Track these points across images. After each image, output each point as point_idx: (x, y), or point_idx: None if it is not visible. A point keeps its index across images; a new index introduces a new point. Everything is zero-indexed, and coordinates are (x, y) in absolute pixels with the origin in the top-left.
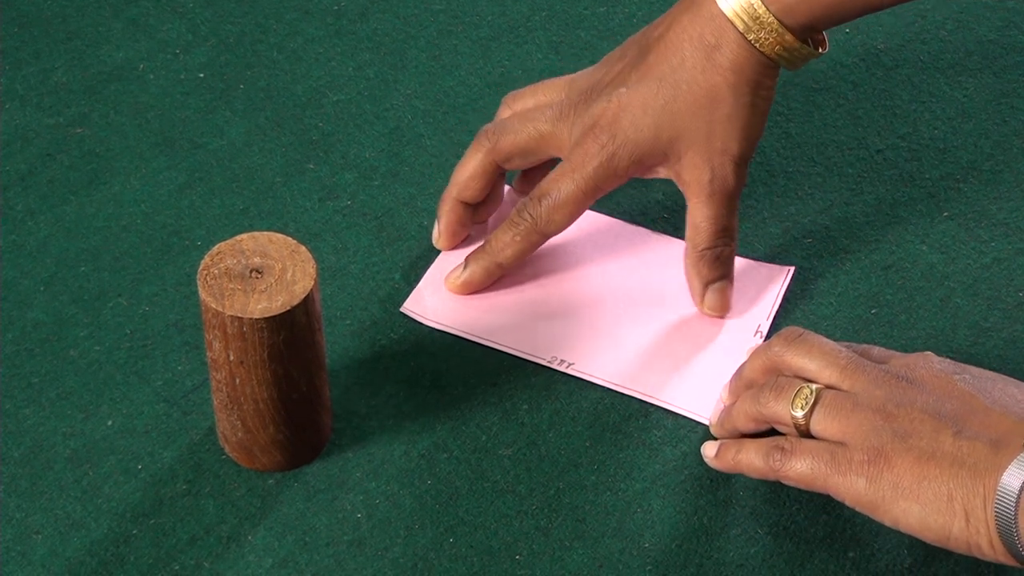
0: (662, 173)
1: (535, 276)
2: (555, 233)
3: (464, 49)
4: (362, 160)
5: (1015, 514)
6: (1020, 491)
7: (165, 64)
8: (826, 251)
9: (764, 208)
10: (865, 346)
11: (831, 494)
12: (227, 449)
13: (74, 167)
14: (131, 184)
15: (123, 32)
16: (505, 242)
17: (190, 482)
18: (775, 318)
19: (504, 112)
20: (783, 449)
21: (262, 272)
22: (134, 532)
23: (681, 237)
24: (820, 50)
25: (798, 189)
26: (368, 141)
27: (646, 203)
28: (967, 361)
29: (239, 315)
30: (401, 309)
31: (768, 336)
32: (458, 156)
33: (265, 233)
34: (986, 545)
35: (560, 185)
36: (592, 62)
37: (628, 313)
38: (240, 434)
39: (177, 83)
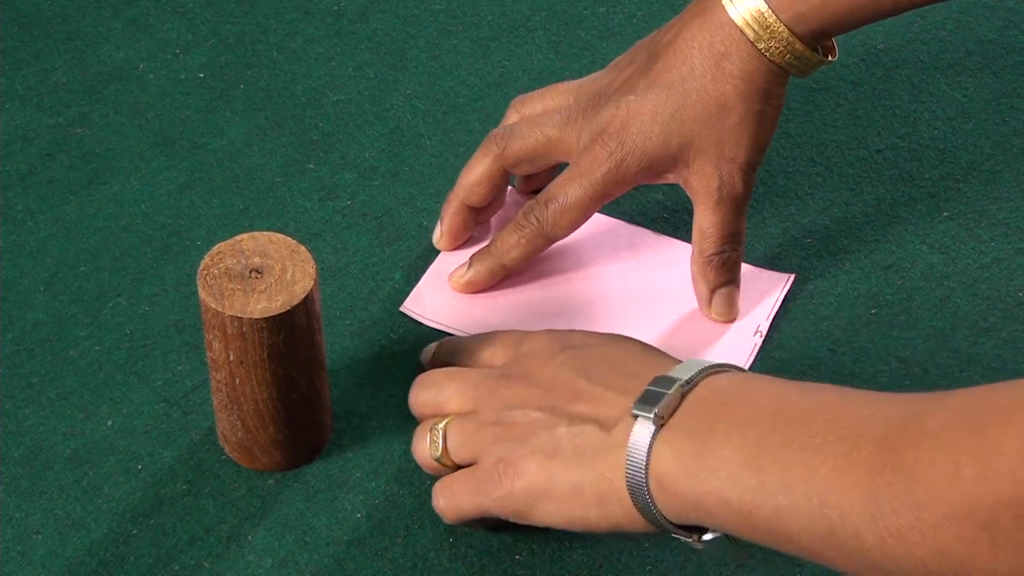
0: (670, 179)
1: (535, 276)
2: (561, 237)
3: (464, 49)
4: (362, 160)
5: (646, 486)
6: (646, 463)
7: (165, 64)
8: (826, 251)
9: (764, 208)
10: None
11: (493, 514)
12: (227, 449)
13: (74, 167)
14: (131, 184)
15: (123, 32)
16: (511, 244)
17: (190, 482)
18: (775, 319)
19: (512, 116)
20: (441, 492)
21: (262, 272)
22: (134, 532)
23: (681, 237)
24: (830, 57)
25: (798, 189)
26: (368, 141)
27: (646, 203)
28: (967, 361)
29: (239, 315)
30: (401, 309)
31: (768, 336)
32: (458, 156)
33: (265, 233)
34: (627, 522)
35: (568, 190)
36: (592, 62)
37: (628, 313)
38: (240, 434)
39: (177, 83)
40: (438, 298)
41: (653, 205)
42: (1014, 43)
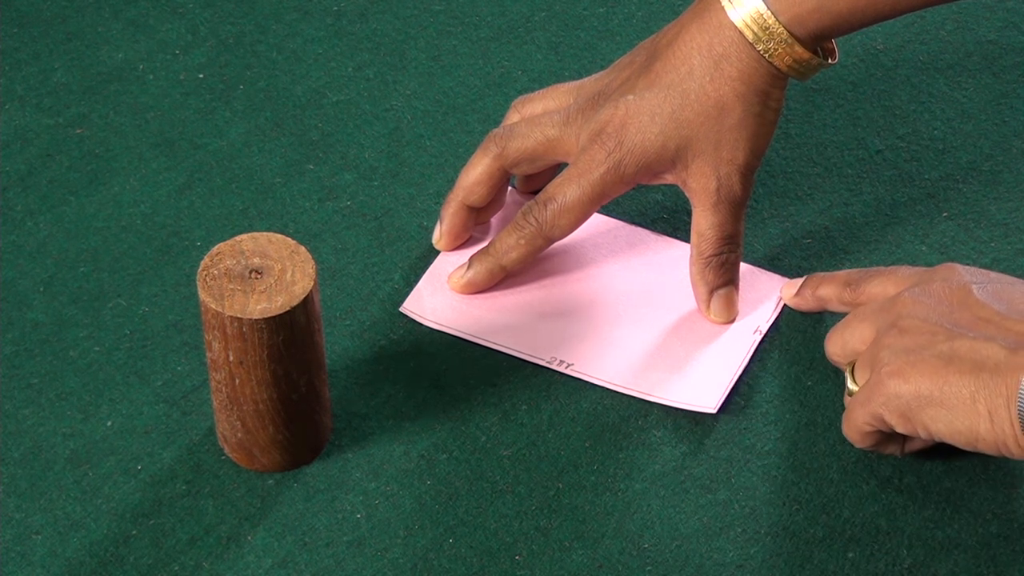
0: (669, 180)
1: (534, 276)
2: (560, 238)
3: (464, 49)
4: (362, 161)
5: None
6: None
7: (165, 65)
8: (825, 251)
9: (764, 208)
10: (893, 268)
11: (887, 421)
12: (227, 449)
13: (74, 167)
14: (131, 185)
15: (123, 33)
16: (510, 245)
17: (190, 482)
18: (775, 321)
19: (512, 117)
20: (844, 417)
21: (262, 273)
22: (134, 532)
23: (681, 238)
24: (830, 60)
25: (797, 190)
26: (368, 142)
27: (646, 203)
28: None
29: (239, 316)
30: (400, 309)
31: (767, 336)
32: (458, 156)
33: (265, 234)
34: (1013, 444)
35: (566, 190)
36: (592, 63)
37: (628, 313)
38: (240, 434)
39: (177, 84)
40: (437, 298)
41: (653, 205)
42: (1014, 43)
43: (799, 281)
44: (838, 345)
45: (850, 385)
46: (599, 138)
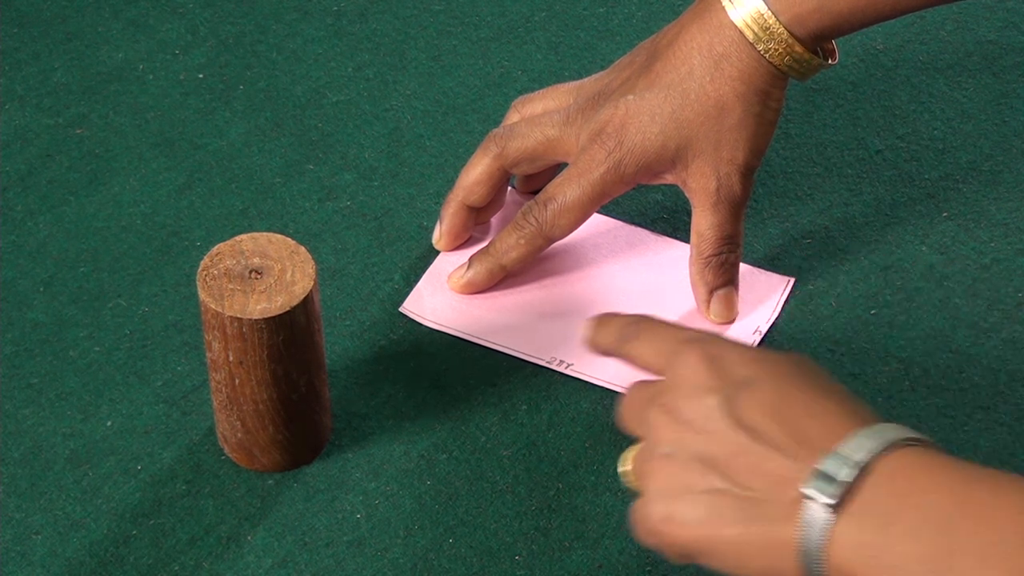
0: (669, 180)
1: (534, 277)
2: (560, 238)
3: (464, 49)
4: (362, 161)
5: (822, 572)
6: (822, 550)
7: (165, 65)
8: (825, 251)
9: (763, 208)
10: (652, 329)
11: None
12: (227, 449)
13: (73, 168)
14: (131, 185)
15: (123, 33)
16: (509, 245)
17: (190, 482)
18: (775, 321)
19: (513, 117)
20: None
21: (262, 273)
22: (134, 532)
23: (681, 238)
24: (830, 60)
25: (797, 190)
26: (368, 142)
27: (646, 203)
28: (967, 361)
29: (239, 316)
30: (400, 309)
31: (767, 336)
32: (458, 156)
33: (264, 234)
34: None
35: (566, 190)
36: (592, 63)
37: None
38: (240, 434)
39: (177, 84)
40: (437, 298)
41: (653, 205)
42: (1014, 44)
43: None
44: (622, 423)
45: (624, 480)
46: (599, 138)
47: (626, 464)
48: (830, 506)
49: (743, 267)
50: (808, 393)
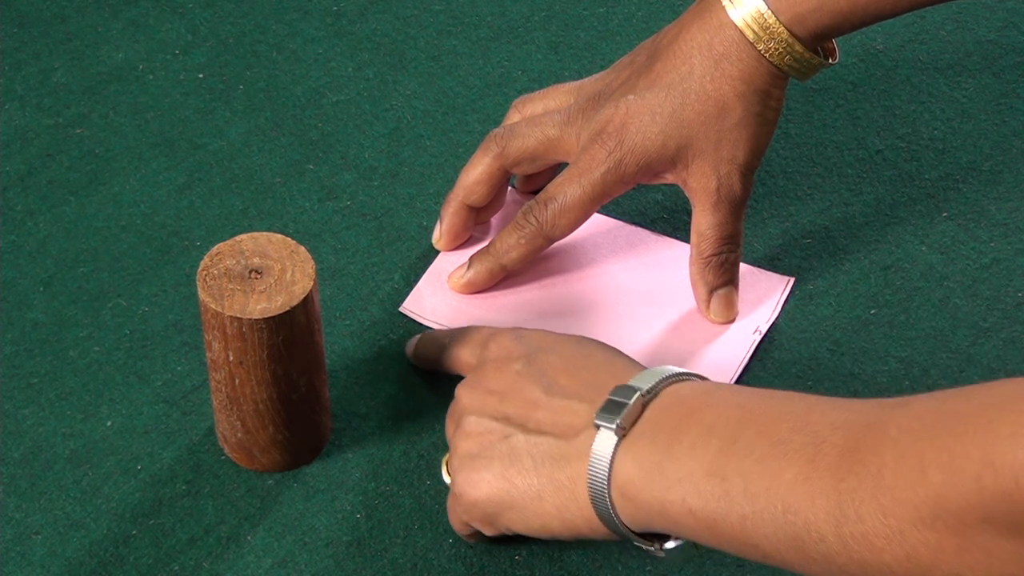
0: (669, 179)
1: (534, 276)
2: (560, 237)
3: (464, 49)
4: (361, 160)
5: (608, 496)
6: (609, 471)
7: (165, 65)
8: (825, 251)
9: (763, 208)
10: (468, 331)
11: (474, 525)
12: (227, 449)
13: (73, 167)
14: (131, 184)
15: (123, 33)
16: (510, 244)
17: (190, 482)
18: (775, 321)
19: (513, 116)
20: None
21: (261, 272)
22: (133, 532)
23: (681, 238)
24: (830, 60)
25: (797, 189)
26: (368, 141)
27: (646, 203)
28: (967, 361)
29: (239, 316)
30: (400, 309)
31: (767, 336)
32: (458, 156)
33: (264, 234)
34: (587, 530)
35: (567, 190)
36: (592, 63)
37: (627, 313)
38: (240, 434)
39: (177, 84)
40: (437, 298)
41: (653, 205)
42: (1014, 43)
43: (416, 339)
44: (446, 434)
45: (443, 475)
46: (600, 138)
47: (445, 460)
48: (616, 430)
49: (743, 267)
50: (600, 355)
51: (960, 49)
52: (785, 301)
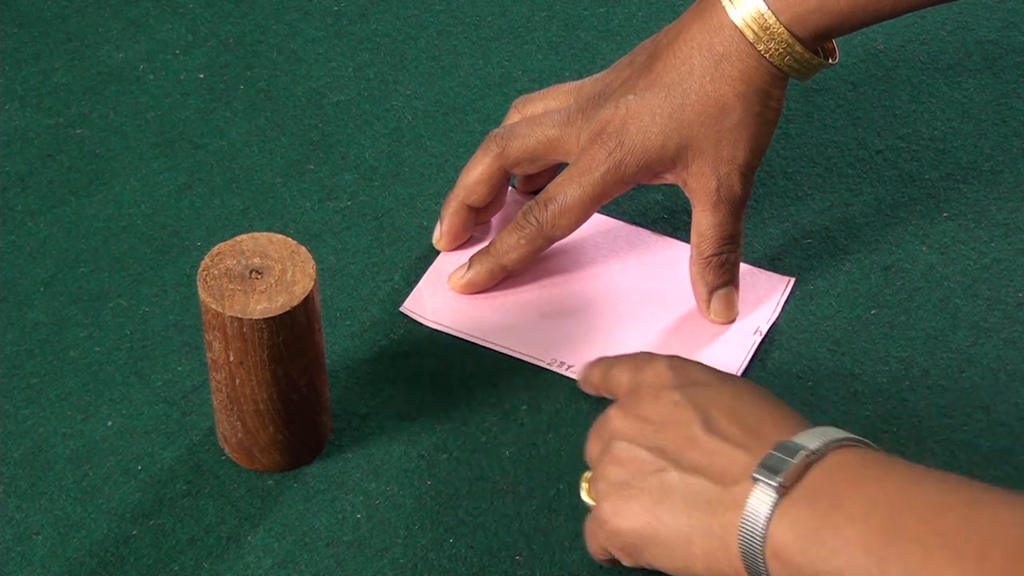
0: (669, 180)
1: (535, 277)
2: (561, 238)
3: (464, 50)
4: (362, 161)
5: (762, 554)
6: (765, 531)
7: (165, 65)
8: (825, 251)
9: (764, 209)
10: (629, 357)
11: (613, 553)
12: (227, 450)
13: (74, 168)
14: (131, 185)
15: (123, 33)
16: (510, 245)
17: (190, 483)
18: (775, 321)
19: (513, 117)
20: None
21: (262, 273)
22: (134, 533)
23: (681, 238)
24: (830, 60)
25: (798, 190)
26: (368, 142)
27: (646, 203)
28: (967, 361)
29: (239, 316)
30: (400, 309)
31: (767, 336)
32: (458, 157)
33: (265, 234)
34: None
35: (567, 190)
36: (592, 63)
37: (628, 314)
38: (240, 435)
39: (177, 84)
40: (438, 298)
41: (653, 205)
42: (1014, 44)
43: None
44: (586, 454)
45: (583, 496)
46: (600, 138)
47: (584, 481)
48: (777, 488)
49: (743, 267)
50: (760, 400)
51: (960, 49)
52: (785, 301)
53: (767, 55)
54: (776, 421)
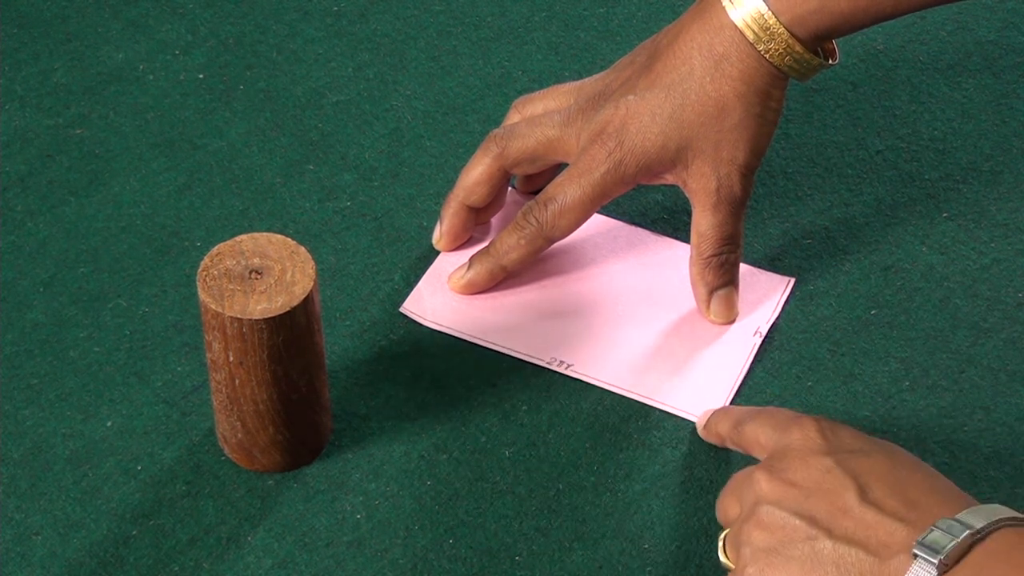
0: (669, 180)
1: (534, 277)
2: (560, 238)
3: (464, 50)
4: (362, 161)
5: None
6: None
7: (165, 65)
8: (825, 252)
9: (764, 209)
10: (767, 411)
11: None
12: (227, 450)
13: (73, 168)
14: (131, 185)
15: (123, 33)
16: (510, 245)
17: (190, 483)
18: (775, 322)
19: (513, 117)
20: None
21: (262, 273)
22: (134, 533)
23: (681, 238)
24: (831, 60)
25: (797, 190)
26: (368, 142)
27: (646, 204)
28: (967, 361)
29: (239, 316)
30: (400, 309)
31: (767, 336)
32: (458, 157)
33: (264, 234)
34: None
35: (567, 190)
36: (592, 63)
37: (627, 314)
38: (240, 435)
39: (177, 84)
40: (438, 299)
41: (653, 206)
42: (1013, 44)
43: (711, 412)
44: (720, 512)
45: (721, 557)
46: (599, 138)
47: (721, 540)
48: (938, 566)
49: (743, 267)
50: (917, 470)
51: (960, 49)
52: (785, 301)
53: (767, 55)
54: (938, 495)
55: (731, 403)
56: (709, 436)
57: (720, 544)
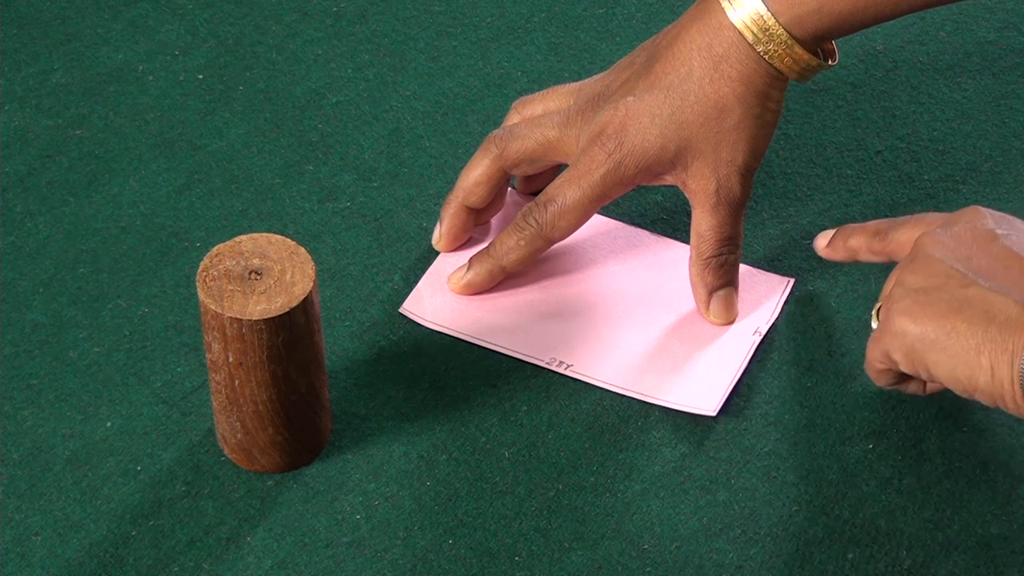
0: (668, 181)
1: (534, 278)
2: (560, 239)
3: (463, 50)
4: (361, 162)
5: None
6: None
7: (164, 66)
8: None
9: (763, 209)
10: (920, 215)
11: (893, 358)
12: (226, 451)
13: (73, 168)
14: (130, 185)
15: (122, 33)
16: (509, 246)
17: (189, 483)
18: (775, 322)
19: (513, 118)
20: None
21: (261, 273)
22: (133, 533)
23: (680, 239)
24: (830, 61)
25: (797, 190)
26: (367, 143)
27: (645, 204)
28: None
29: (238, 316)
30: (400, 310)
31: (766, 337)
32: (458, 157)
33: (264, 234)
34: (1010, 400)
35: (566, 191)
36: (591, 63)
37: (627, 314)
38: (239, 435)
39: (176, 84)
40: (437, 299)
41: (652, 206)
42: (1013, 44)
43: (831, 232)
44: (884, 291)
45: (873, 325)
46: (599, 139)
47: (876, 309)
48: None
49: (743, 268)
50: None
51: (960, 50)
52: (785, 302)
53: (766, 56)
54: None
55: (728, 401)
56: (835, 253)
57: (874, 312)
